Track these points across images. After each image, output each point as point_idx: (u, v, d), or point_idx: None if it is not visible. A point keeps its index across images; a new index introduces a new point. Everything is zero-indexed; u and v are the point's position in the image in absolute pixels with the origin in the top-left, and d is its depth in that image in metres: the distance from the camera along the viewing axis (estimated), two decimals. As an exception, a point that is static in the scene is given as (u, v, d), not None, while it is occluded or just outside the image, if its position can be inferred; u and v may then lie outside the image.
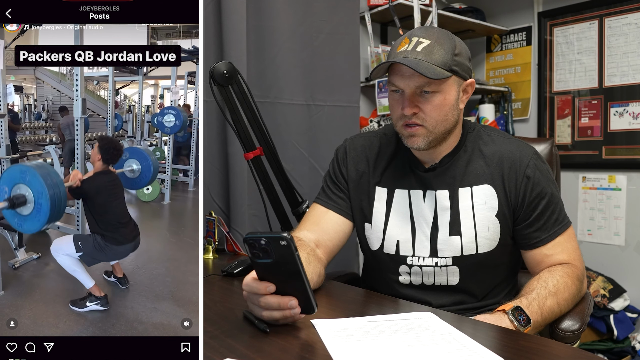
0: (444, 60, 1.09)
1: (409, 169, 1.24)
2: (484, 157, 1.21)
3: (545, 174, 1.19)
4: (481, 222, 1.18)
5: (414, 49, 1.10)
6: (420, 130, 1.14)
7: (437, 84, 1.10)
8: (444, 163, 1.21)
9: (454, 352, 0.78)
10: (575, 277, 1.15)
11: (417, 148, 1.16)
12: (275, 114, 1.90)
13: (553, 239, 1.18)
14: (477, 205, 1.19)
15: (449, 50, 1.11)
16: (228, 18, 1.78)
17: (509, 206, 1.18)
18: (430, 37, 1.11)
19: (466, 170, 1.20)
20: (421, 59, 1.08)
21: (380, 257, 1.26)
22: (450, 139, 1.20)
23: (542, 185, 1.18)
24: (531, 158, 1.19)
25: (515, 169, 1.18)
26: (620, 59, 2.59)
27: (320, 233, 1.26)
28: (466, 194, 1.19)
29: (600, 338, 2.53)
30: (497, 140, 1.23)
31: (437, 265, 1.20)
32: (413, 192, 1.23)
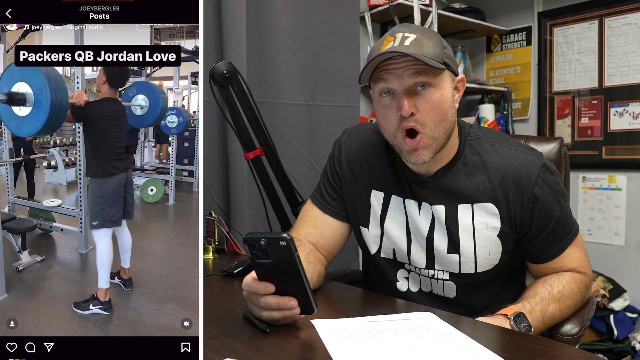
0: (436, 52, 1.01)
1: (404, 177, 1.17)
2: (486, 171, 1.10)
3: (553, 188, 1.09)
4: (482, 242, 1.11)
5: (401, 44, 1.00)
6: (423, 141, 1.03)
7: (433, 77, 1.01)
8: (439, 176, 1.12)
9: (454, 352, 0.78)
10: (583, 284, 1.14)
11: (422, 162, 1.06)
12: (275, 114, 1.90)
13: (562, 251, 1.14)
14: (477, 224, 1.10)
15: (438, 43, 1.03)
16: (228, 18, 1.78)
17: (513, 226, 1.10)
18: (415, 31, 1.02)
19: (466, 185, 1.11)
20: (412, 51, 0.99)
21: (378, 260, 1.23)
22: (448, 146, 1.10)
23: (550, 203, 1.09)
24: (539, 174, 1.08)
25: (522, 188, 1.08)
26: (620, 59, 2.59)
27: (318, 237, 1.24)
28: (466, 211, 1.11)
29: (600, 338, 2.53)
30: (501, 152, 1.11)
31: (434, 278, 1.16)
32: (408, 201, 1.16)
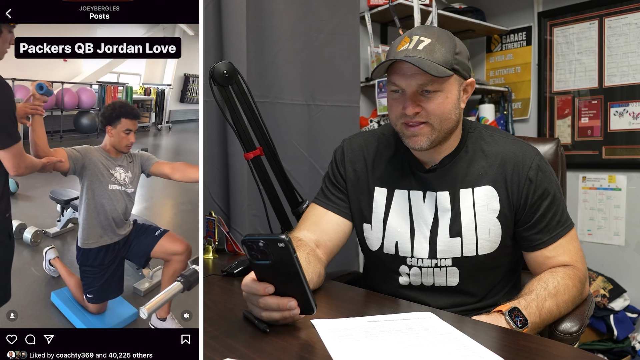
0: (446, 59, 1.08)
1: (409, 170, 1.23)
2: (486, 158, 1.19)
3: (548, 175, 1.18)
4: (482, 223, 1.17)
5: (415, 48, 1.08)
6: (424, 130, 1.12)
7: (439, 83, 1.09)
8: (445, 164, 1.20)
9: (454, 352, 0.78)
10: (577, 279, 1.15)
11: (419, 148, 1.14)
12: (275, 114, 1.90)
13: (555, 240, 1.17)
14: (478, 206, 1.17)
15: (450, 49, 1.10)
16: (228, 18, 1.78)
17: (511, 208, 1.17)
18: (431, 35, 1.10)
19: (467, 171, 1.19)
20: (423, 57, 1.07)
21: (380, 257, 1.25)
22: (451, 139, 1.18)
23: (544, 187, 1.16)
24: (534, 159, 1.17)
25: (518, 170, 1.16)
26: (620, 59, 2.59)
27: (320, 233, 1.26)
28: (467, 195, 1.18)
29: (600, 338, 2.53)
30: (499, 141, 1.21)
31: (437, 266, 1.20)
32: (413, 192, 1.22)
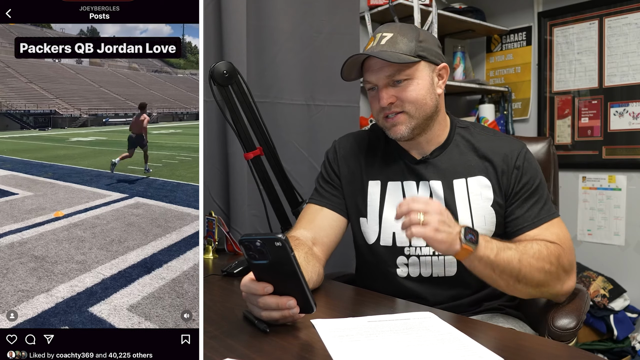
0: (408, 48, 1.16)
1: (401, 161, 1.27)
2: (475, 151, 1.24)
3: (534, 166, 1.23)
4: (477, 212, 1.21)
5: (378, 44, 1.18)
6: (401, 118, 1.18)
7: (407, 71, 1.16)
8: (435, 155, 1.25)
9: (454, 352, 0.78)
10: (554, 252, 1.10)
11: (401, 137, 1.19)
12: (275, 114, 1.90)
13: (538, 225, 1.17)
14: (472, 195, 1.21)
15: (412, 38, 1.17)
16: (228, 18, 1.78)
17: (502, 196, 1.21)
18: (393, 30, 1.19)
19: (459, 162, 1.23)
20: (385, 49, 1.15)
21: (377, 250, 1.26)
22: (436, 128, 1.24)
23: (529, 175, 1.21)
24: (521, 151, 1.22)
25: (507, 161, 1.21)
26: (620, 59, 2.59)
27: (316, 230, 1.27)
28: (461, 184, 1.22)
29: (600, 338, 2.53)
30: (488, 137, 1.26)
31: (435, 255, 1.21)
32: (406, 183, 1.25)
